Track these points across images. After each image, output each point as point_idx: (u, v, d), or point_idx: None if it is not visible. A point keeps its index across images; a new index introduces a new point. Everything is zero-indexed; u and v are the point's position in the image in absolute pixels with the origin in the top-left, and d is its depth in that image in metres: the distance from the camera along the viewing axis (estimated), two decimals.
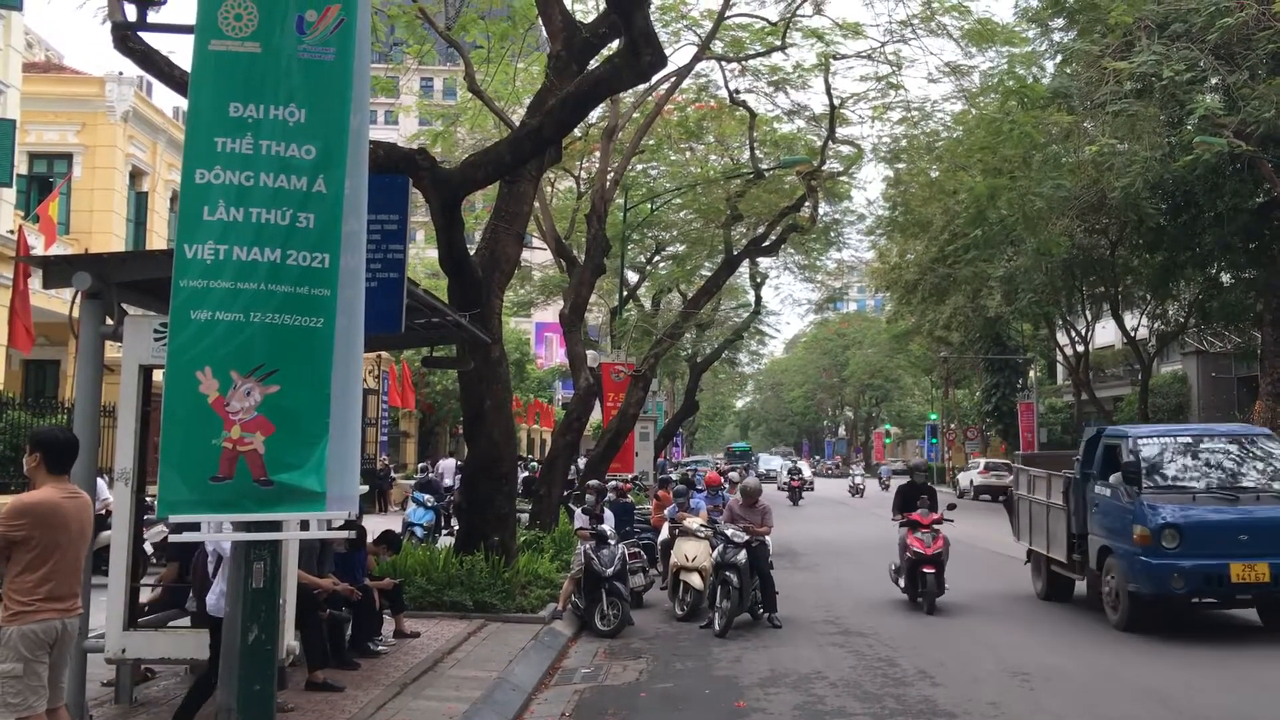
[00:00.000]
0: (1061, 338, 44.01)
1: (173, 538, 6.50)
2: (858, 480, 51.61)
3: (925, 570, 13.85)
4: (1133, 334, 38.02)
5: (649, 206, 27.84)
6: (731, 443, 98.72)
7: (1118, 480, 12.55)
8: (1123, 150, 23.96)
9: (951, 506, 15.36)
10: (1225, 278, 31.51)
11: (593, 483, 16.79)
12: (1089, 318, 41.26)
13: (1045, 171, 24.44)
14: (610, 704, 8.92)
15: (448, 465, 28.10)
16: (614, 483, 19.21)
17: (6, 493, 16.36)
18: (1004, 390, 50.81)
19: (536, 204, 18.10)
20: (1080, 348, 41.87)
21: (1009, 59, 21.63)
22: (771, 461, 73.91)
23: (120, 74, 25.71)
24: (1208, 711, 8.62)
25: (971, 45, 20.63)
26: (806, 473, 54.94)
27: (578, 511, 15.12)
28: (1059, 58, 28.29)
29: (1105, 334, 44.21)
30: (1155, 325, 38.75)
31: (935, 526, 14.28)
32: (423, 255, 41.38)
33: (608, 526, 13.13)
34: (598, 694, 9.33)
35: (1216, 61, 20.97)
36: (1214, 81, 21.77)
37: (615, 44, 12.17)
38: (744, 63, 21.73)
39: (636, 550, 14.46)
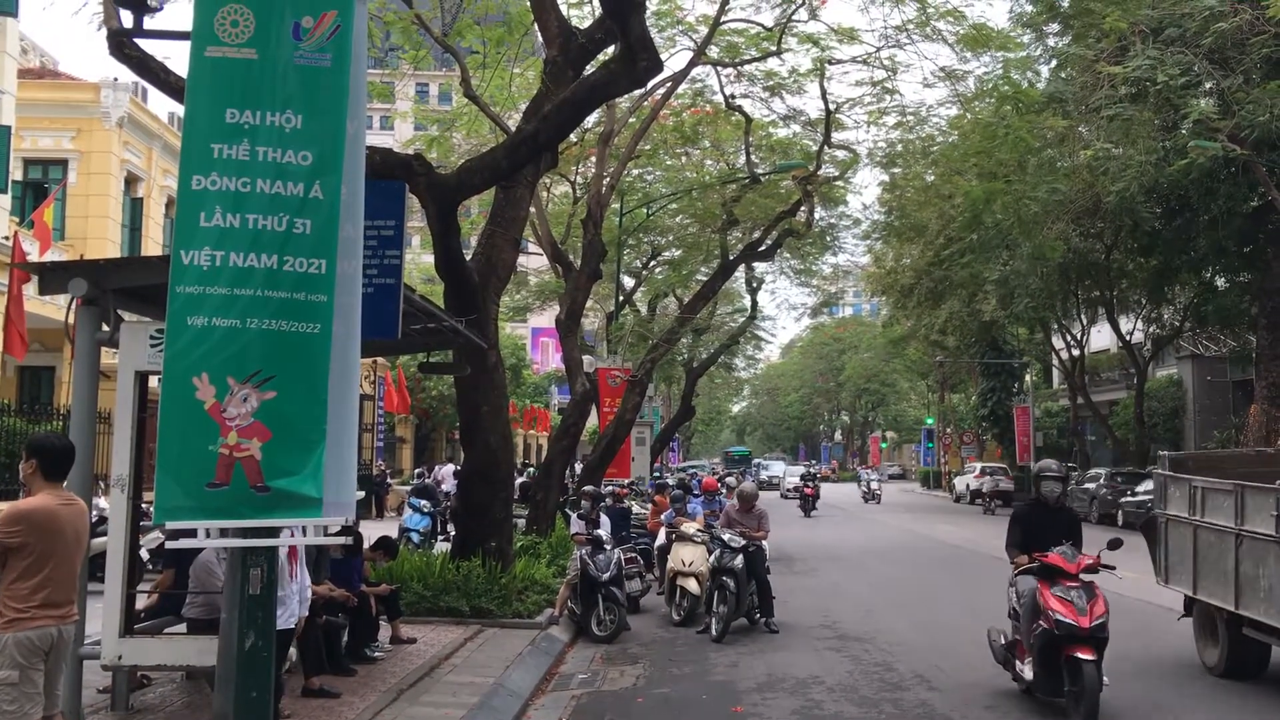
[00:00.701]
0: (1057, 342, 44.11)
1: (169, 544, 6.46)
2: (873, 485, 48.78)
3: (1080, 656, 8.01)
4: (1128, 338, 38.10)
5: (645, 211, 27.85)
6: (730, 447, 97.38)
7: None
8: (1117, 155, 24.02)
9: (1115, 544, 8.92)
10: (1220, 281, 31.62)
11: (587, 488, 16.79)
12: (1084, 322, 41.34)
13: (1040, 176, 24.53)
14: (607, 709, 8.91)
15: (447, 471, 28.04)
16: (610, 488, 19.22)
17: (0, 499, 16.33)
18: (1000, 394, 50.91)
19: (532, 209, 18.10)
20: (1076, 352, 41.95)
21: (1004, 64, 21.70)
22: (774, 466, 69.83)
23: (115, 80, 25.69)
24: (1205, 713, 8.62)
25: (966, 50, 20.68)
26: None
27: (574, 516, 15.13)
28: (1054, 62, 28.34)
29: (1100, 338, 44.29)
30: (1150, 329, 38.84)
31: (1089, 577, 8.56)
32: (419, 261, 41.36)
33: (604, 532, 13.13)
34: (595, 699, 9.32)
35: (1211, 66, 21.01)
36: (1208, 86, 21.82)
37: (611, 49, 12.18)
38: (740, 68, 21.76)
39: (633, 555, 14.46)
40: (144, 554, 11.62)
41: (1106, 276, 34.46)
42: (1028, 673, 8.62)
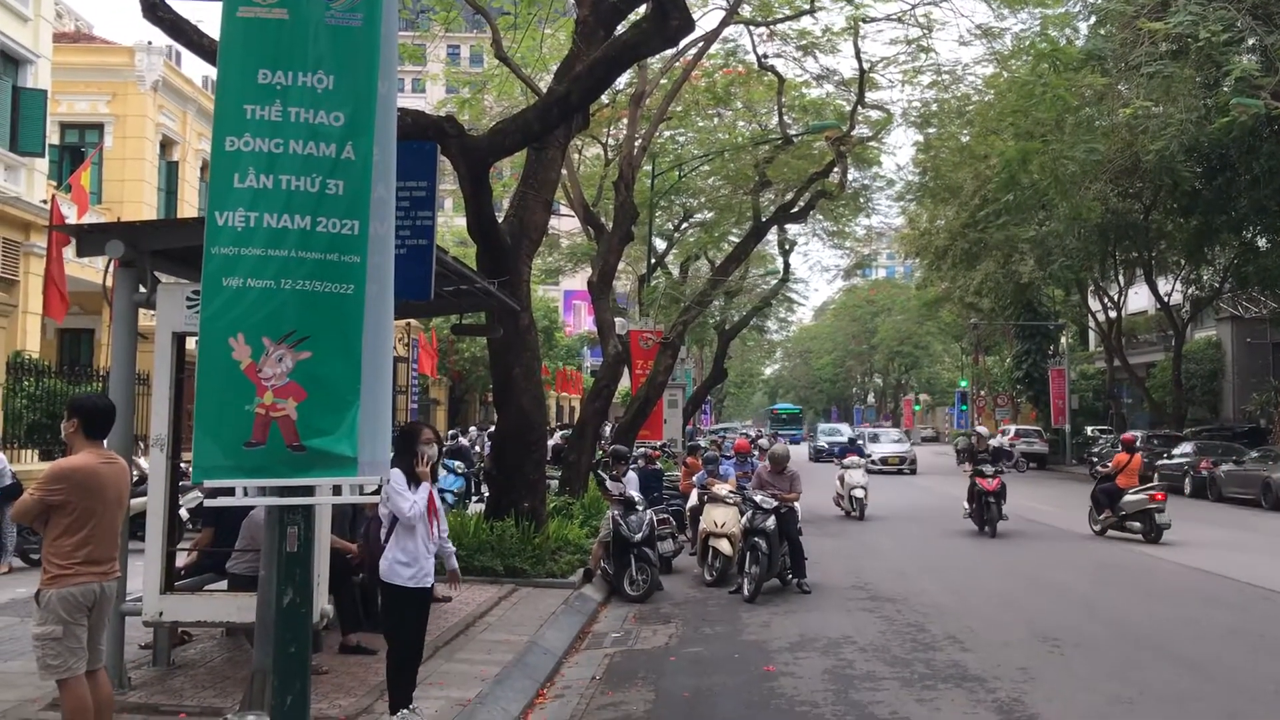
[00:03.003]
0: (1094, 303, 43.68)
1: (208, 502, 6.59)
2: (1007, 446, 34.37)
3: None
4: (1166, 299, 37.66)
5: (677, 173, 27.73)
6: (776, 405, 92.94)
7: None
8: (1157, 113, 23.66)
9: None
10: (1261, 242, 31.17)
11: (613, 447, 16.85)
12: (1122, 283, 40.90)
13: (1078, 135, 24.18)
14: (640, 667, 8.99)
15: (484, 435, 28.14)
16: (643, 450, 19.27)
17: (47, 459, 16.62)
18: (1035, 357, 50.49)
19: (564, 171, 18.06)
20: (1113, 314, 41.53)
21: (1042, 20, 21.35)
22: (836, 433, 54.05)
23: (149, 43, 25.79)
24: (1242, 676, 8.59)
25: (1004, 6, 20.37)
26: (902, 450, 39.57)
27: (607, 478, 15.22)
28: (1093, 19, 27.91)
29: (1138, 300, 43.83)
30: (1189, 290, 38.38)
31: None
32: (451, 223, 41.45)
33: (632, 490, 13.19)
34: (628, 657, 9.41)
35: (1254, 22, 20.63)
36: (1251, 42, 21.43)
37: (642, 9, 12.09)
38: (772, 27, 21.54)
39: (665, 516, 14.53)
40: (183, 513, 11.79)
41: (1145, 237, 34.02)
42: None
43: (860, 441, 39.20)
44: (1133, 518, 18.00)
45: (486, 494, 16.78)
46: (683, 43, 15.37)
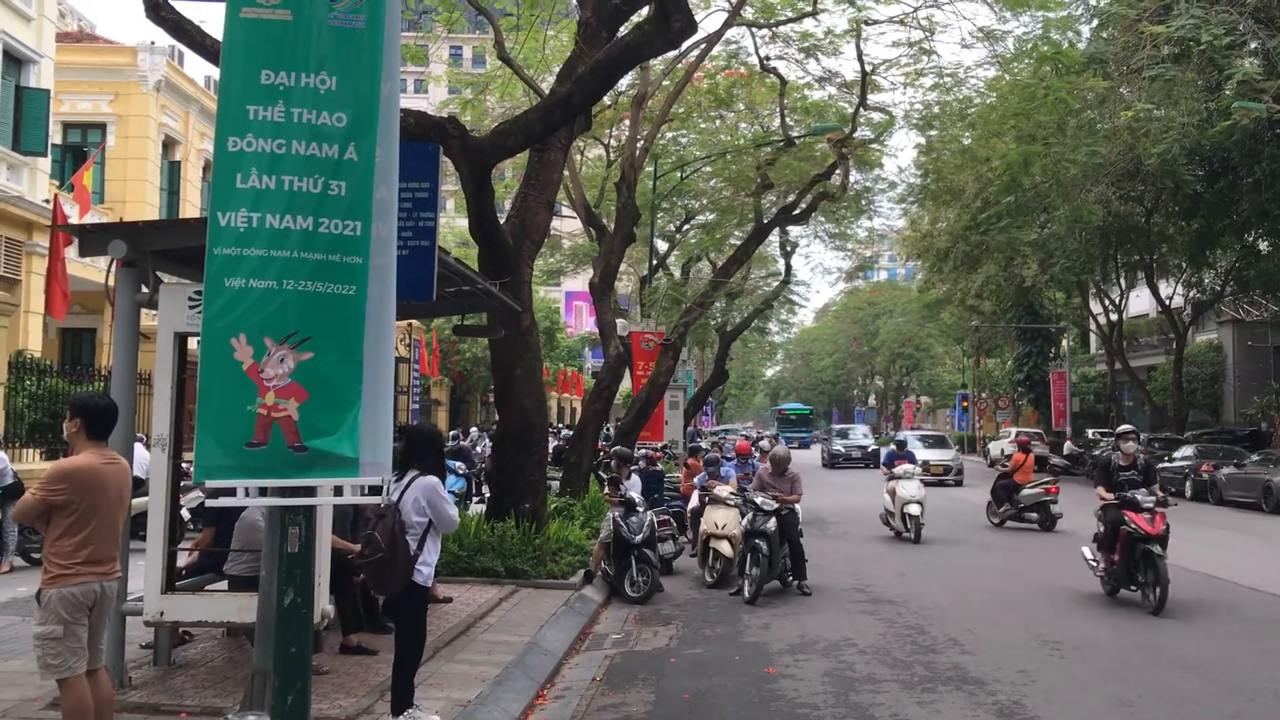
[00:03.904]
0: (1095, 306, 43.66)
1: (209, 503, 6.61)
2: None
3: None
4: (1168, 303, 37.65)
5: (679, 175, 27.72)
6: (784, 404, 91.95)
7: None
8: (1159, 116, 23.66)
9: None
10: (1263, 245, 31.18)
11: (615, 449, 16.86)
12: (1123, 286, 40.90)
13: (1080, 138, 24.19)
14: (641, 669, 8.99)
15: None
16: (644, 451, 19.28)
17: (51, 458, 16.63)
18: (1036, 359, 50.46)
19: (566, 172, 18.05)
20: (1114, 316, 41.51)
21: (1044, 23, 21.35)
22: (855, 433, 50.36)
23: (152, 43, 25.84)
24: (1242, 679, 8.59)
25: (1006, 9, 20.35)
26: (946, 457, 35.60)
27: (607, 479, 15.22)
28: (1095, 22, 27.93)
29: (1139, 303, 43.82)
30: (1190, 294, 38.37)
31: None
32: (453, 224, 41.47)
33: (634, 493, 13.19)
34: (628, 659, 9.41)
35: (1256, 25, 20.64)
36: (1253, 46, 21.44)
37: (645, 10, 12.11)
38: (775, 29, 21.53)
39: (666, 518, 14.53)
40: (184, 513, 11.80)
41: (1146, 240, 34.03)
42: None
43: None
44: (1030, 509, 20.23)
45: (487, 494, 16.79)
46: (685, 44, 15.36)
